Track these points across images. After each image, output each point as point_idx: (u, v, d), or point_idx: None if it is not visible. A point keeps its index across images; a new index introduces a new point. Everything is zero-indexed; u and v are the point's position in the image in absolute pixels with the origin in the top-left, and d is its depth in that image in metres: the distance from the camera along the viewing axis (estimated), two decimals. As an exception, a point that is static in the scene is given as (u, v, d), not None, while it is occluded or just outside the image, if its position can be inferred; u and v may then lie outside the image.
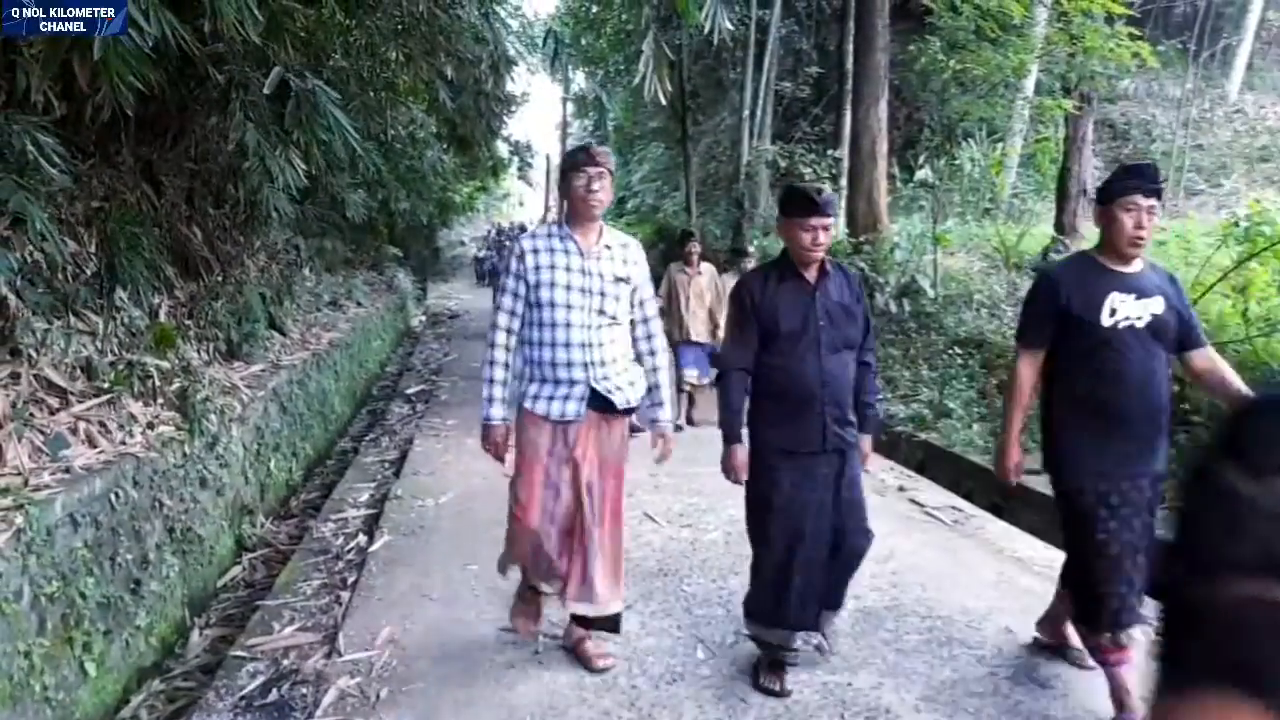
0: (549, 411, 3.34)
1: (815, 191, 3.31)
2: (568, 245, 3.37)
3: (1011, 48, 10.15)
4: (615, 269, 3.38)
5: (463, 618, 4.00)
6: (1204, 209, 15.57)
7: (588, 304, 3.31)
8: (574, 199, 3.37)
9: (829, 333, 3.30)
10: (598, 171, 3.30)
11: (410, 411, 9.19)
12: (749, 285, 3.39)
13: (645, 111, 23.58)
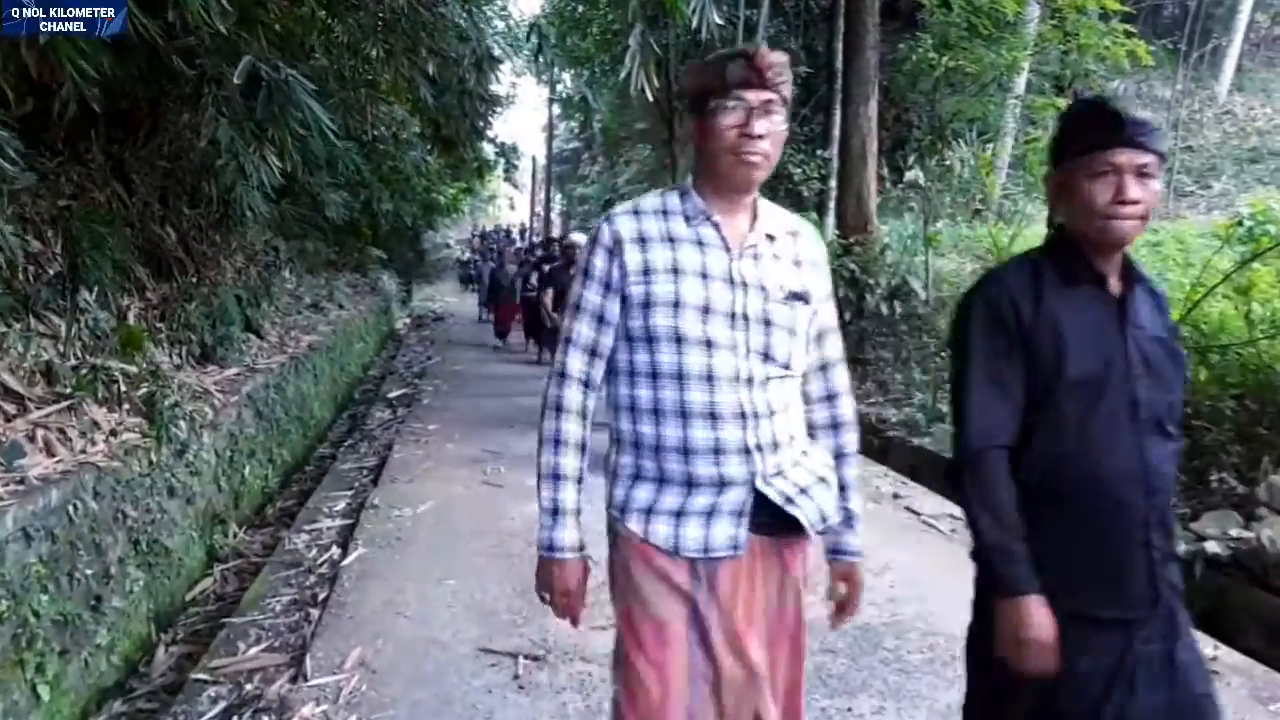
0: (679, 541, 1.82)
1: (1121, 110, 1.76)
2: (702, 232, 1.85)
3: (1005, 45, 10.01)
4: (786, 276, 1.88)
5: (438, 637, 3.78)
6: (1194, 210, 15.51)
7: (743, 340, 1.79)
8: (715, 147, 1.79)
9: (1148, 389, 1.78)
10: (765, 100, 1.75)
11: (391, 416, 8.97)
12: (1005, 287, 1.83)
13: (632, 113, 23.38)
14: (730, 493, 1.79)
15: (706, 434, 1.78)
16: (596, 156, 31.05)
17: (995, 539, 1.80)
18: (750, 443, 1.78)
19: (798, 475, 1.86)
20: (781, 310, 1.84)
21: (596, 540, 2.01)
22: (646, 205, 1.91)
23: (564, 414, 1.91)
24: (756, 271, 1.84)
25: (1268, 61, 21.45)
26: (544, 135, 38.46)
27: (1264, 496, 5.44)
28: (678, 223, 1.86)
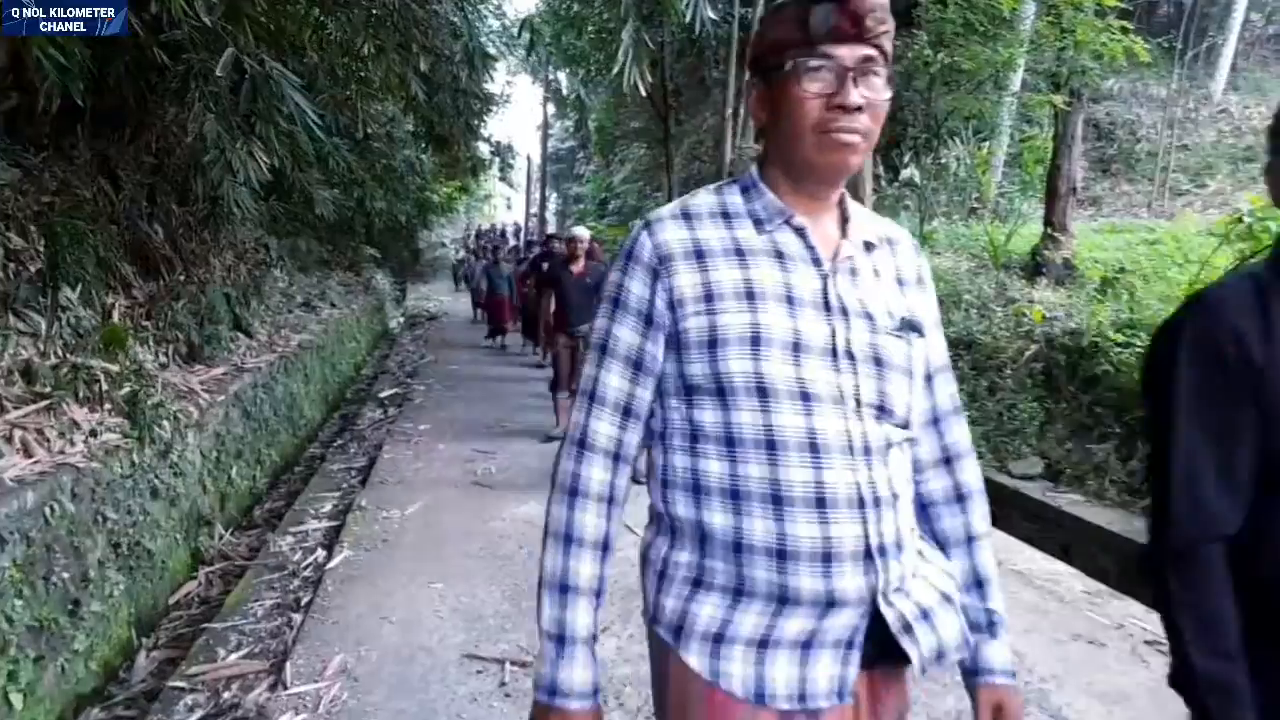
0: (763, 685, 1.27)
1: None
2: (781, 241, 1.36)
3: (1001, 42, 9.94)
4: (892, 299, 1.40)
5: (424, 644, 3.69)
6: (1189, 209, 15.46)
7: (851, 389, 1.31)
8: (794, 124, 1.30)
9: None
10: (863, 58, 1.28)
11: (382, 416, 8.87)
12: (1224, 314, 1.32)
13: (627, 112, 23.30)
14: (839, 615, 1.24)
15: (812, 529, 1.22)
16: (592, 155, 30.95)
17: (1211, 669, 1.28)
18: (873, 542, 1.24)
19: (919, 591, 1.32)
20: (894, 345, 1.33)
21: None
22: (700, 205, 1.38)
23: (581, 500, 1.35)
24: (857, 293, 1.33)
25: (1262, 61, 21.44)
26: (539, 134, 38.44)
27: (1265, 497, 5.36)
28: (745, 228, 1.35)
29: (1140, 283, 9.40)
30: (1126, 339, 7.41)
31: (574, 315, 7.52)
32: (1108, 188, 17.69)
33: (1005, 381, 8.14)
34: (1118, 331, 7.58)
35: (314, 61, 8.71)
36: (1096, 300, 8.87)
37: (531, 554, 4.80)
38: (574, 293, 7.57)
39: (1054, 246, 10.38)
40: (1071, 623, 4.15)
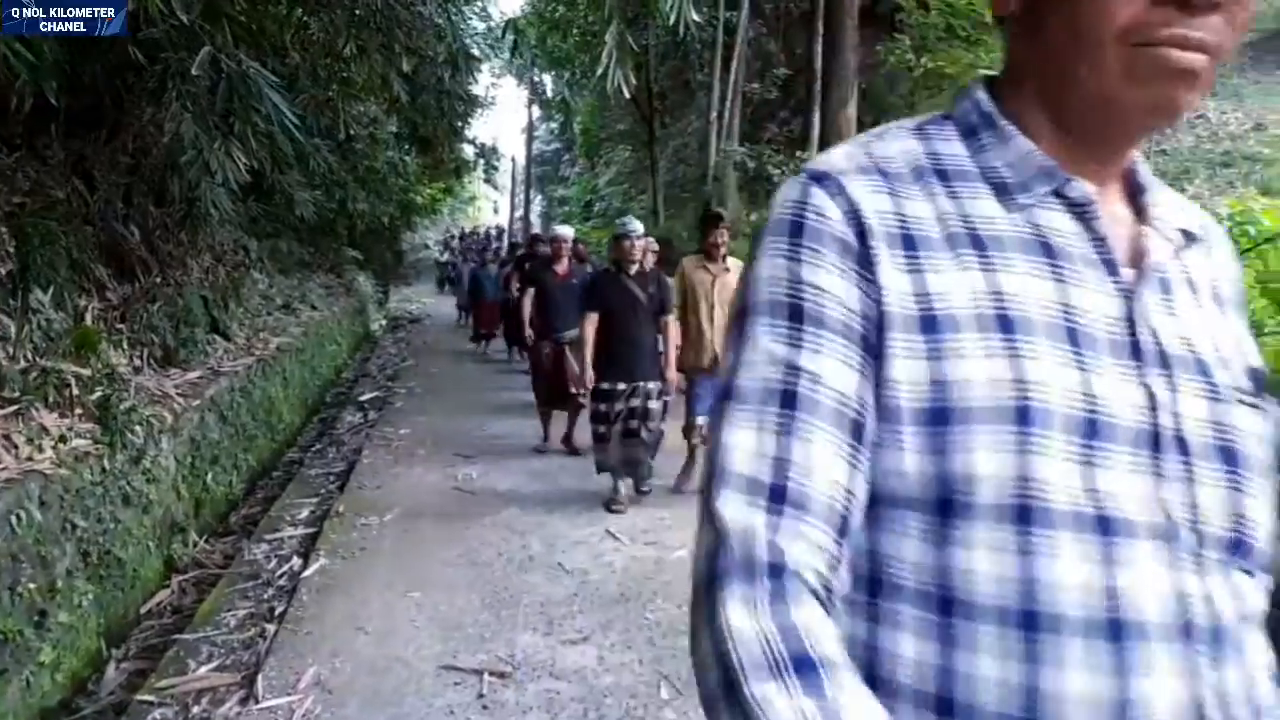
0: None
1: None
2: (1046, 219, 0.76)
3: (983, 46, 9.96)
4: (1221, 335, 0.79)
5: (400, 654, 3.62)
6: (1171, 214, 15.51)
7: (1184, 509, 0.69)
8: (1094, 26, 0.70)
9: None
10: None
11: (362, 420, 8.78)
12: None
13: (612, 114, 23.26)
14: None
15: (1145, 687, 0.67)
16: (577, 158, 30.89)
17: None
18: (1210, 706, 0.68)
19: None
20: (1247, 421, 0.77)
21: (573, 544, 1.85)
22: (894, 154, 0.81)
23: (821, 678, 0.63)
24: (1176, 325, 0.77)
25: (1239, 67, 21.59)
26: (524, 136, 38.37)
27: None
28: (981, 197, 0.79)
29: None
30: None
31: (557, 320, 7.22)
32: (1090, 192, 17.72)
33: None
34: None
35: (295, 62, 8.62)
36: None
37: (511, 560, 4.74)
38: (557, 295, 7.25)
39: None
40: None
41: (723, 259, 5.89)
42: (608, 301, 5.65)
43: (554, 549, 4.94)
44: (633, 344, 5.63)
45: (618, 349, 5.62)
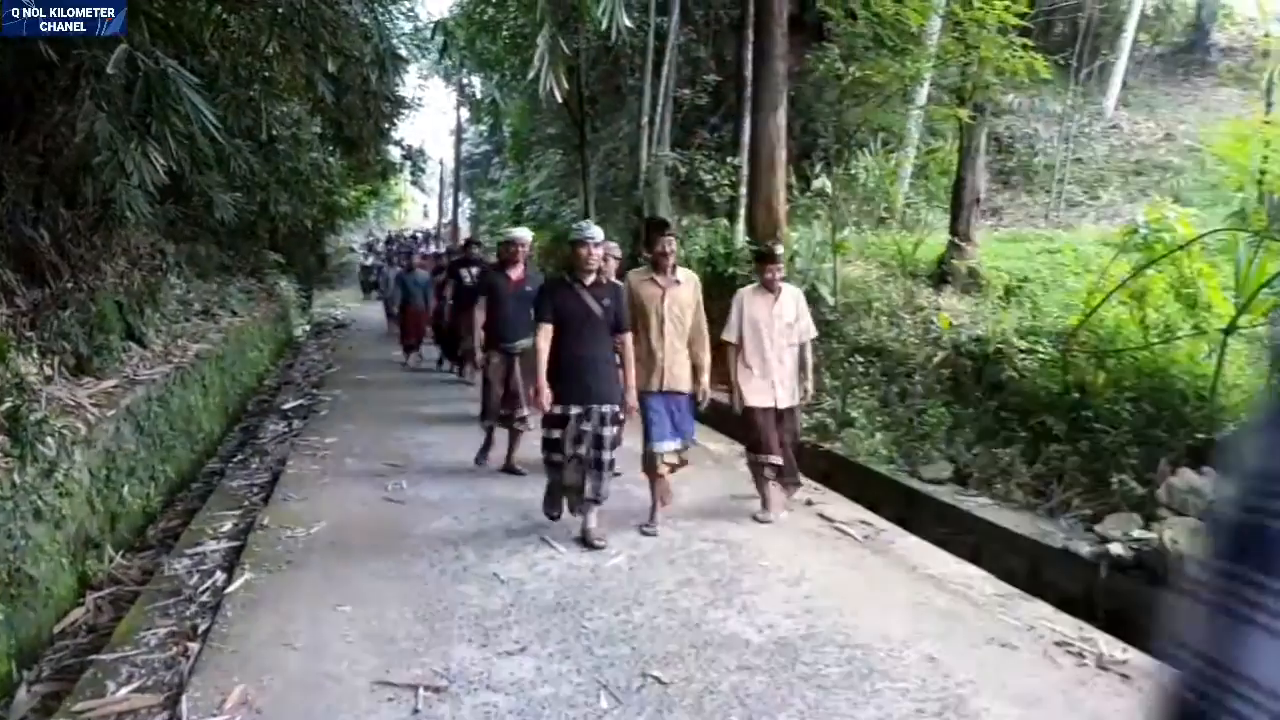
0: None
1: None
2: None
3: (909, 56, 10.15)
4: None
5: (331, 670, 3.52)
6: (1084, 220, 16.10)
7: None
8: None
9: None
10: None
11: (286, 429, 8.54)
12: None
13: (542, 118, 23.11)
14: None
15: None
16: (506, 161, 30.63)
17: None
18: None
19: None
20: None
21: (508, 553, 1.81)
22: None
23: None
24: None
25: (1150, 79, 22.50)
26: (453, 138, 37.94)
27: (1163, 498, 5.56)
28: None
29: (1041, 291, 9.71)
30: (1029, 345, 7.62)
31: (509, 329, 6.80)
32: (1008, 199, 18.27)
33: (915, 387, 8.30)
34: (1021, 338, 7.79)
35: (215, 60, 8.37)
36: (1000, 308, 9.12)
37: (444, 571, 4.66)
38: (510, 304, 6.79)
39: (959, 255, 10.65)
40: (985, 626, 4.21)
41: (672, 270, 5.52)
42: (561, 313, 5.06)
43: (488, 559, 4.87)
44: (587, 362, 5.06)
45: (571, 367, 5.05)
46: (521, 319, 6.52)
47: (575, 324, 5.06)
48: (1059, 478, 6.49)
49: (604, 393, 5.09)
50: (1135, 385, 6.56)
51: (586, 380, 5.05)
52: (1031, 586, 5.22)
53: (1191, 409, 6.12)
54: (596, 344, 5.11)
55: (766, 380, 5.68)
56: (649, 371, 5.39)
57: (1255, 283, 6.04)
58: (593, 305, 5.08)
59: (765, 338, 5.67)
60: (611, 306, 5.14)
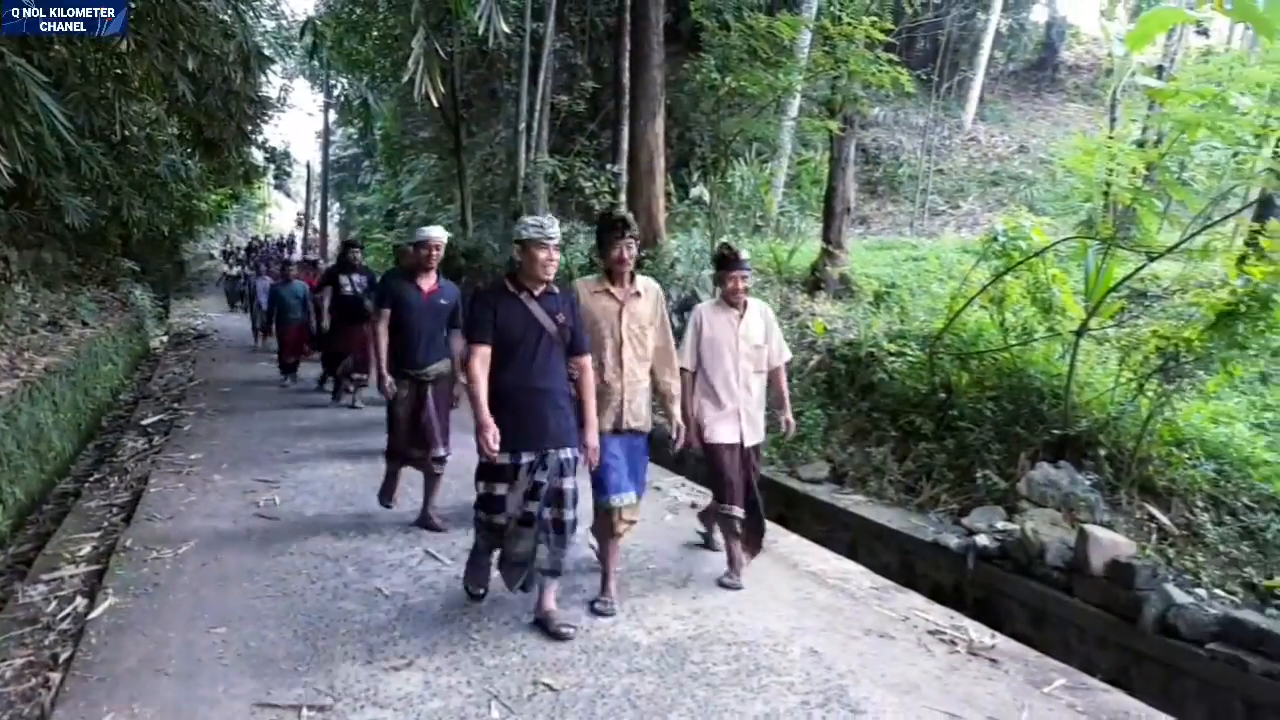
0: None
1: None
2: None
3: (782, 68, 10.46)
4: None
5: (207, 694, 3.35)
6: (946, 228, 16.94)
7: None
8: None
9: None
10: None
11: (147, 445, 8.08)
12: None
13: (415, 120, 22.73)
14: None
15: None
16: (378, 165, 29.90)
17: None
18: None
19: None
20: None
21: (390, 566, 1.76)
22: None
23: None
24: None
25: (1005, 94, 23.92)
26: (320, 141, 36.82)
27: (1024, 490, 5.90)
28: None
29: (908, 296, 10.16)
30: (898, 348, 7.96)
31: (420, 350, 5.65)
32: (875, 208, 19.06)
33: (792, 390, 8.52)
34: (890, 342, 8.13)
35: (63, 56, 7.88)
36: (871, 313, 9.49)
37: (324, 588, 4.51)
38: (423, 319, 5.66)
39: (831, 263, 11.04)
40: (863, 619, 4.37)
41: (630, 279, 4.40)
42: (504, 331, 3.89)
43: (370, 573, 4.73)
44: (540, 395, 3.91)
45: (518, 401, 3.89)
46: (436, 337, 5.66)
47: (522, 345, 3.91)
48: (928, 474, 6.80)
49: (562, 433, 3.96)
50: (996, 385, 6.94)
51: (539, 418, 3.90)
52: (905, 578, 5.46)
53: (1048, 406, 6.52)
54: (550, 370, 3.98)
55: (730, 412, 4.70)
56: (603, 406, 4.27)
57: (1103, 287, 6.48)
58: (544, 320, 3.94)
59: (729, 362, 4.71)
60: (567, 322, 4.00)
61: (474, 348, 3.92)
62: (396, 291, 5.69)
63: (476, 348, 3.91)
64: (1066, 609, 4.99)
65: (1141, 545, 5.27)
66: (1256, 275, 5.43)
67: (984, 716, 3.43)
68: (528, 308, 3.94)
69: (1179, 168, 6.45)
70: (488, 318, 3.90)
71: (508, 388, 3.90)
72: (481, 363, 3.88)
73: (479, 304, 3.97)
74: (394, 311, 5.65)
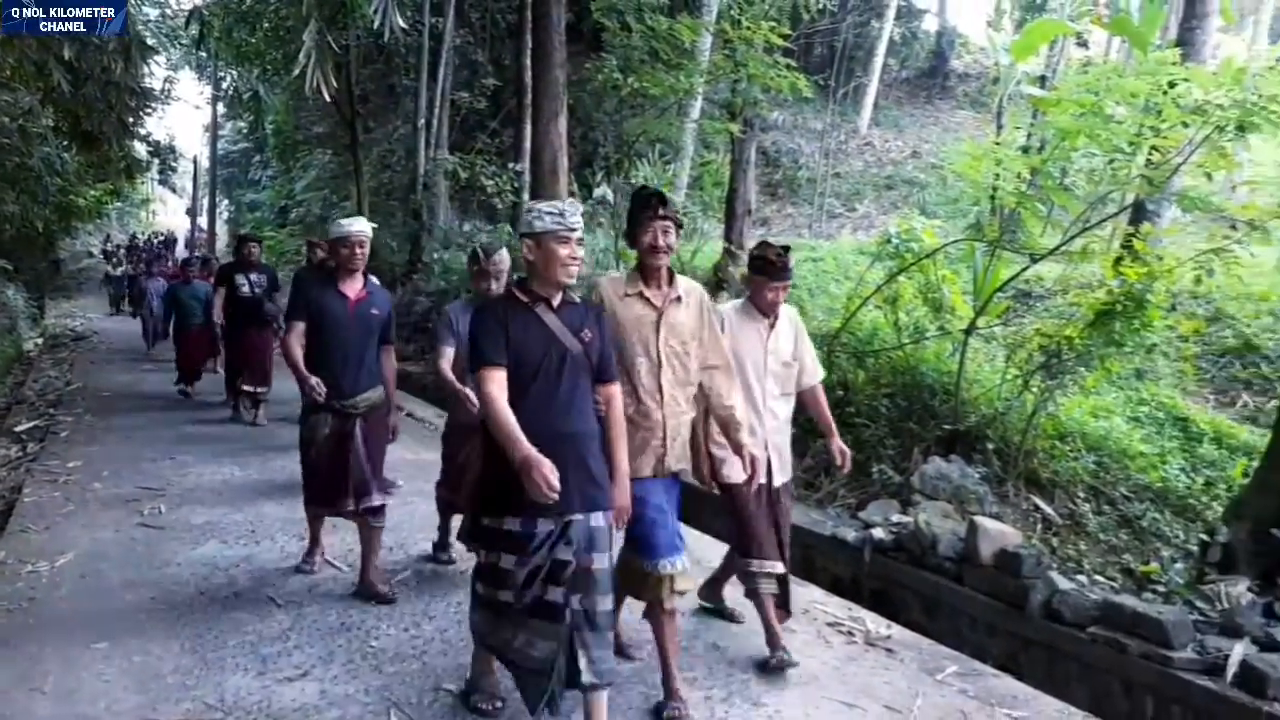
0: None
1: None
2: None
3: (683, 71, 10.56)
4: None
5: (88, 713, 3.18)
6: (843, 230, 17.39)
7: None
8: None
9: None
10: None
11: (20, 453, 7.63)
12: None
13: (309, 115, 22.10)
14: None
15: None
16: (269, 160, 28.99)
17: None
18: None
19: None
20: None
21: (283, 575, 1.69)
22: None
23: None
24: None
25: (898, 100, 24.70)
26: (208, 135, 35.50)
27: (917, 484, 6.09)
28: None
29: (807, 296, 10.38)
30: (798, 348, 8.11)
31: (348, 375, 4.37)
32: (775, 209, 19.44)
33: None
34: (790, 341, 8.28)
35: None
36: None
37: (214, 599, 4.34)
38: (349, 334, 4.41)
39: (734, 263, 11.18)
40: (766, 614, 4.42)
41: (670, 280, 3.41)
42: (519, 355, 2.93)
43: (263, 582, 4.57)
44: (565, 442, 2.86)
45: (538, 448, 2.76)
46: (366, 357, 4.48)
47: (541, 374, 2.93)
48: (826, 470, 6.95)
49: (594, 494, 2.95)
50: (891, 382, 7.14)
51: (566, 472, 2.76)
52: (805, 572, 5.57)
53: (939, 402, 6.75)
54: (577, 406, 2.98)
55: (755, 444, 3.58)
56: (640, 445, 3.28)
57: (990, 288, 6.74)
58: (566, 340, 2.96)
59: (754, 381, 3.81)
60: (594, 340, 3.03)
61: (487, 372, 2.89)
62: (314, 299, 4.44)
63: (490, 372, 2.88)
64: (958, 598, 5.17)
65: (1027, 535, 5.50)
66: (1131, 276, 5.73)
67: (881, 705, 3.53)
68: (545, 323, 2.95)
69: (1060, 173, 6.76)
70: (498, 333, 2.92)
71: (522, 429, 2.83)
72: (500, 389, 2.86)
73: (485, 317, 3.02)
74: (309, 324, 4.44)
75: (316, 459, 4.44)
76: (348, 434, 4.39)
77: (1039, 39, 7.91)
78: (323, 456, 4.41)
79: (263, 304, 8.63)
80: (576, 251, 2.92)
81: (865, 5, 23.16)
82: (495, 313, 2.99)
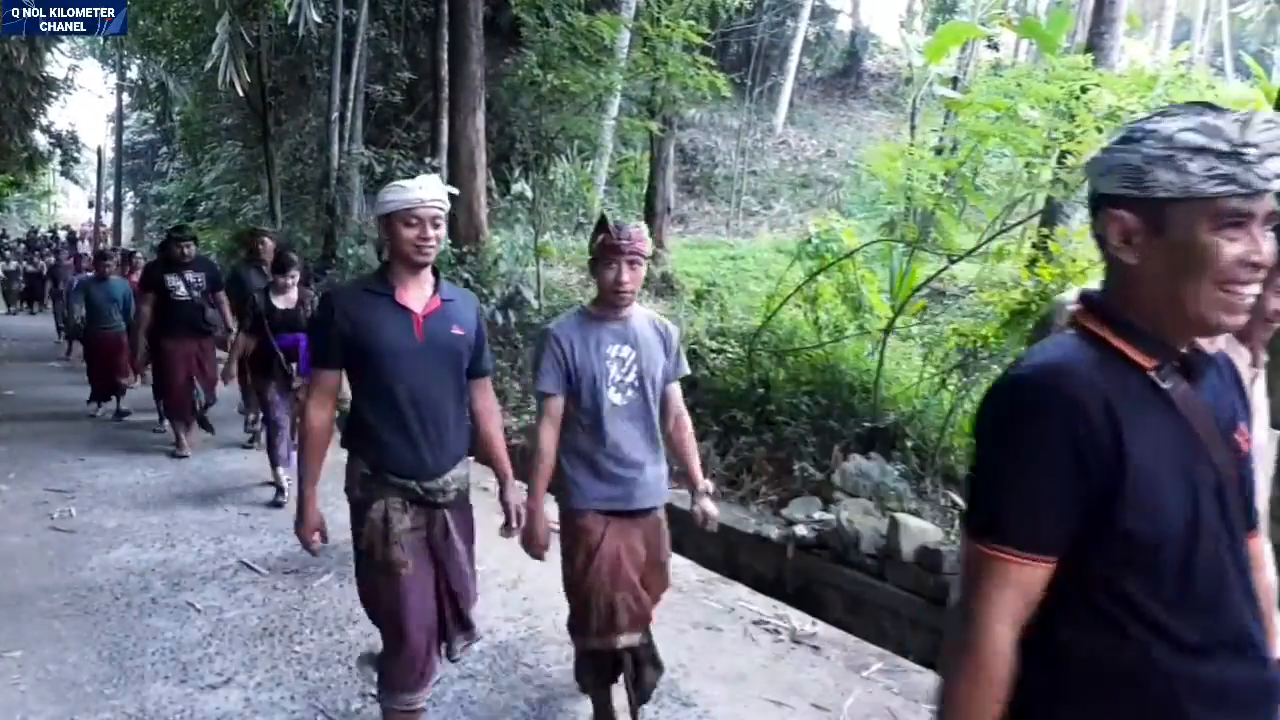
0: None
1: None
2: None
3: (603, 68, 10.56)
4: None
5: (-4, 732, 3.06)
6: (761, 228, 17.62)
7: None
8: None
9: None
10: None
11: (-89, 459, 7.24)
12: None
13: (219, 106, 21.37)
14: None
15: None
16: (177, 152, 27.95)
17: None
18: None
19: None
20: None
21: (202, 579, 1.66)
22: None
23: None
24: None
25: (813, 100, 25.11)
26: (112, 126, 34.11)
27: (838, 481, 6.21)
28: None
29: (727, 295, 10.50)
30: (719, 345, 8.21)
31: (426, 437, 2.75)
32: (693, 207, 19.58)
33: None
34: (712, 339, 8.38)
35: None
36: (693, 311, 9.73)
37: (130, 605, 4.20)
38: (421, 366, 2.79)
39: (654, 262, 11.24)
40: (691, 611, 4.47)
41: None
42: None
43: (180, 587, 4.45)
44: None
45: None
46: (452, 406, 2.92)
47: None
48: (749, 467, 7.04)
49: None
50: (811, 380, 7.27)
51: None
52: (730, 570, 5.63)
53: (859, 400, 6.90)
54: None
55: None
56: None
57: (908, 287, 6.92)
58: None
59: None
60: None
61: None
62: (356, 320, 2.78)
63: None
64: (881, 594, 5.28)
65: (947, 531, 5.66)
66: (1045, 277, 5.91)
67: (809, 703, 3.59)
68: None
69: (974, 174, 6.96)
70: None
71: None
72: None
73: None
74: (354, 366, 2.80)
75: (394, 584, 2.71)
76: (441, 534, 2.85)
77: (950, 41, 8.14)
78: (402, 579, 2.70)
79: (204, 309, 7.25)
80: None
81: (781, 5, 23.48)
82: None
